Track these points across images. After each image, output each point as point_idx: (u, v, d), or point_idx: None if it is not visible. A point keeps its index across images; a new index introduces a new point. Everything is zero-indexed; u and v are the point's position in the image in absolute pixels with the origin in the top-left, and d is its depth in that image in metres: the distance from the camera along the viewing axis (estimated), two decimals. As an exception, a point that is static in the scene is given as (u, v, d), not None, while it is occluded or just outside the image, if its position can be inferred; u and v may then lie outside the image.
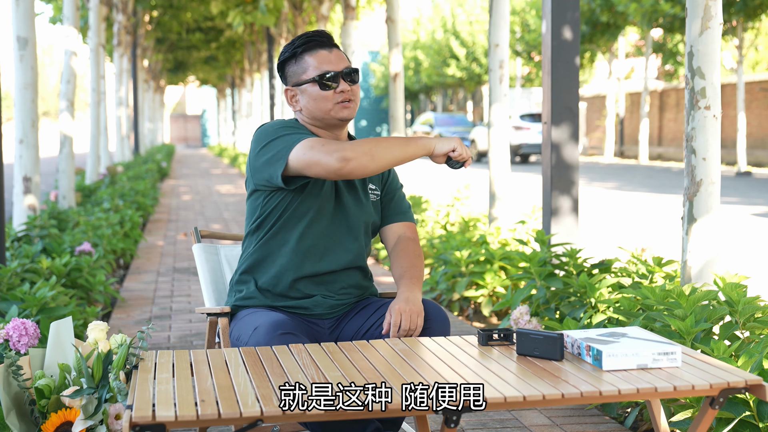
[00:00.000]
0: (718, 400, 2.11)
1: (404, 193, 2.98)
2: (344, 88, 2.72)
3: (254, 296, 2.72)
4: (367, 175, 2.56)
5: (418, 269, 2.78)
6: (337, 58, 2.73)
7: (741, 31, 20.03)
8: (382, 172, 2.84)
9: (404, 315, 2.58)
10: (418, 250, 2.84)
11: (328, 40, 2.76)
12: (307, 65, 2.72)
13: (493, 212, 6.60)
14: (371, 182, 2.85)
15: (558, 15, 5.05)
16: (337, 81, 2.71)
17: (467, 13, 40.58)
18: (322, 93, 2.70)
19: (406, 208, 2.93)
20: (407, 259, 2.80)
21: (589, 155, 32.71)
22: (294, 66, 2.75)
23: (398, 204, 2.91)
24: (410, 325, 2.57)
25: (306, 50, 2.73)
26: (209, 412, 1.84)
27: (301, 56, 2.73)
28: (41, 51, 79.20)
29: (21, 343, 2.75)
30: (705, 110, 3.56)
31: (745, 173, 19.48)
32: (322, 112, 2.72)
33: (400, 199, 2.92)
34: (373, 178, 2.86)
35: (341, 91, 2.71)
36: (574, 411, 3.54)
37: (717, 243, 3.61)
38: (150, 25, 25.11)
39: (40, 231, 6.40)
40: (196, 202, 13.98)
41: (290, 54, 2.75)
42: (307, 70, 2.72)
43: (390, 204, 2.90)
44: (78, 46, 9.78)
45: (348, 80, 2.73)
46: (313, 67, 2.71)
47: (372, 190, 2.84)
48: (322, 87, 2.70)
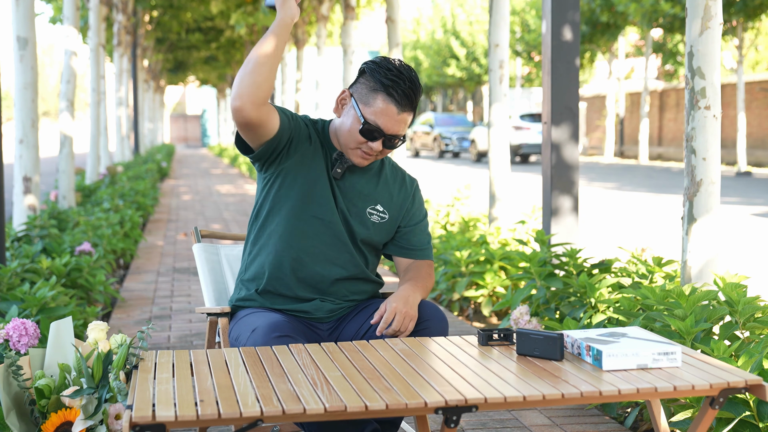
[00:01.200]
0: (718, 400, 2.11)
1: (427, 224, 2.86)
2: (376, 148, 2.63)
3: (254, 298, 2.72)
4: (258, 102, 2.43)
5: (427, 282, 2.73)
6: (397, 122, 2.61)
7: (741, 31, 20.04)
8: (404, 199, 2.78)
9: (398, 315, 2.54)
10: (431, 275, 2.77)
11: (409, 101, 2.61)
12: (373, 101, 2.61)
13: (493, 212, 6.60)
14: (379, 203, 2.75)
15: (558, 15, 5.05)
16: (376, 138, 2.62)
17: (467, 13, 40.60)
18: (357, 133, 2.62)
19: (424, 244, 2.81)
20: (416, 272, 2.75)
21: (589, 155, 32.72)
22: (368, 87, 2.62)
23: (417, 239, 2.80)
24: (401, 327, 2.54)
25: (387, 89, 2.59)
26: (209, 412, 1.84)
27: (379, 90, 2.60)
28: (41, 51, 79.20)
29: (21, 343, 2.75)
30: (705, 110, 3.56)
31: (745, 173, 19.48)
32: (344, 141, 2.66)
33: (419, 233, 2.81)
34: (382, 200, 2.76)
35: (371, 147, 2.63)
36: (574, 411, 3.54)
37: (717, 243, 3.61)
38: (150, 25, 25.11)
39: (40, 231, 6.40)
40: (196, 202, 13.98)
41: (379, 78, 2.60)
42: (369, 104, 2.61)
43: (407, 236, 2.80)
44: (78, 46, 9.78)
45: (386, 144, 2.63)
46: (374, 110, 2.60)
47: (378, 211, 2.74)
48: (361, 132, 2.61)
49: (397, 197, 2.78)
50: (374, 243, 2.77)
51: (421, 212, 2.84)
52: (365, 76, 2.65)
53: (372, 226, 2.73)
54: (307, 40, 18.19)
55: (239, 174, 22.02)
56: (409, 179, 2.85)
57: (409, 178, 2.86)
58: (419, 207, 2.84)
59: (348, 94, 2.68)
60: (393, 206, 2.77)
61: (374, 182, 2.76)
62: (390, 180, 2.80)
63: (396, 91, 2.59)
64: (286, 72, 21.38)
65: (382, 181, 2.78)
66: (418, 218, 2.82)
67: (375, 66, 2.64)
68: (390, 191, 2.78)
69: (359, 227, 2.72)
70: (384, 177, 2.79)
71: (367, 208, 2.73)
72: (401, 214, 2.79)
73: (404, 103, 2.60)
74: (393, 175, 2.82)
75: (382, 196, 2.76)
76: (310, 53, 35.51)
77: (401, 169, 2.86)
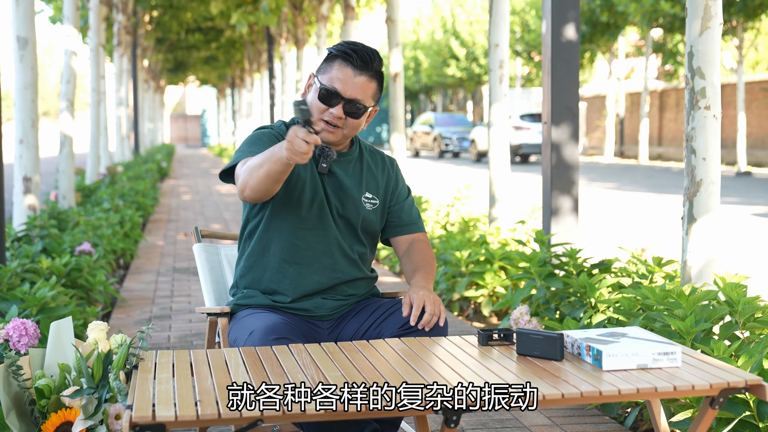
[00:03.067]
0: (718, 400, 2.11)
1: (413, 199, 2.91)
2: (336, 113, 2.63)
3: (255, 295, 2.72)
4: (255, 199, 2.51)
5: (432, 268, 2.77)
6: (355, 84, 2.62)
7: (741, 31, 20.04)
8: (388, 180, 2.82)
9: (428, 301, 2.56)
10: (431, 252, 2.82)
11: (365, 64, 2.64)
12: (329, 69, 2.65)
13: (493, 212, 6.60)
14: (368, 191, 2.77)
15: (558, 15, 5.05)
16: (335, 103, 2.63)
17: (467, 13, 40.59)
18: (317, 102, 2.64)
19: (415, 218, 2.86)
20: (421, 257, 2.78)
21: (589, 155, 32.71)
22: (325, 62, 2.68)
23: (407, 214, 2.85)
24: (435, 310, 2.55)
25: (340, 58, 2.64)
26: (209, 412, 1.84)
27: (335, 58, 2.65)
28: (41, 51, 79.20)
29: (21, 343, 2.75)
30: (705, 110, 3.56)
31: (745, 173, 19.48)
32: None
33: (408, 209, 2.85)
34: (370, 186, 2.78)
35: (332, 114, 2.63)
36: (574, 411, 3.54)
37: (717, 243, 3.61)
38: (150, 25, 25.11)
39: (40, 231, 6.40)
40: (196, 202, 13.98)
41: (331, 51, 2.67)
42: (326, 73, 2.65)
43: (398, 214, 2.84)
44: (78, 46, 9.78)
45: (347, 108, 2.62)
46: (330, 75, 2.63)
47: (368, 199, 2.77)
48: (319, 96, 2.63)
49: (381, 180, 2.82)
50: (373, 230, 2.80)
51: (405, 189, 2.88)
52: (327, 55, 2.71)
53: (368, 214, 2.76)
54: (307, 40, 18.19)
55: (239, 174, 21.97)
56: (388, 159, 2.89)
57: (389, 159, 2.90)
58: (403, 185, 2.89)
59: (312, 75, 2.71)
60: (380, 190, 2.81)
61: (358, 170, 2.78)
62: (372, 165, 2.83)
63: (351, 55, 2.63)
64: (286, 72, 21.39)
65: (365, 168, 2.80)
66: (404, 195, 2.86)
67: (337, 44, 2.70)
68: (375, 176, 2.81)
69: (356, 219, 2.74)
70: (366, 163, 2.81)
71: (359, 198, 2.75)
72: (388, 196, 2.83)
73: (359, 65, 2.63)
74: (373, 159, 2.85)
75: (369, 183, 2.79)
76: (310, 53, 35.51)
77: (378, 152, 2.90)
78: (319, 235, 2.70)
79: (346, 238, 2.74)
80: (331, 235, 2.71)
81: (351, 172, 2.77)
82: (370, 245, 2.82)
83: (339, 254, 2.72)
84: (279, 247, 2.69)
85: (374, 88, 2.68)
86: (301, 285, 2.69)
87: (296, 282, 2.69)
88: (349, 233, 2.75)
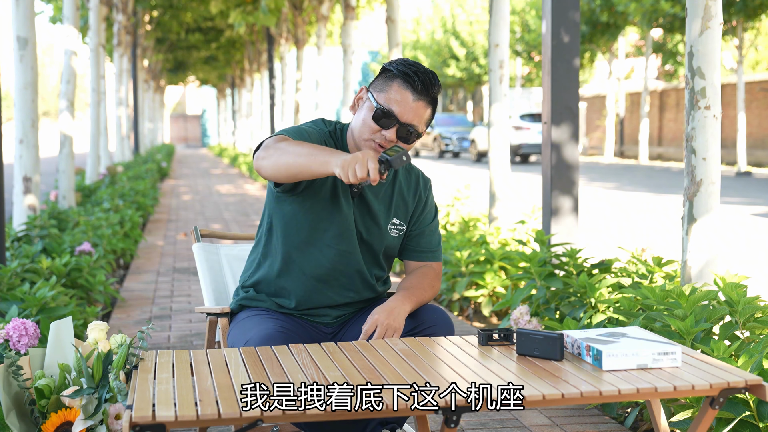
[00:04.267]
0: (718, 400, 2.11)
1: (437, 224, 2.80)
2: (389, 137, 2.53)
3: (259, 297, 2.71)
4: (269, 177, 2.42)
5: (424, 292, 2.67)
6: (412, 109, 2.54)
7: (741, 31, 20.04)
8: (417, 203, 2.73)
9: (380, 327, 2.51)
10: (432, 281, 2.71)
11: (425, 88, 2.55)
12: (388, 88, 2.55)
13: (493, 212, 6.60)
14: (396, 216, 2.69)
15: (558, 15, 5.05)
16: (389, 126, 2.54)
17: (467, 13, 40.60)
18: (370, 121, 2.55)
19: (434, 246, 2.76)
20: (418, 280, 2.69)
21: (589, 155, 32.71)
22: (385, 77, 2.58)
23: (426, 241, 2.75)
24: (386, 336, 2.51)
25: (401, 78, 2.55)
26: (209, 412, 1.84)
27: (394, 78, 2.56)
28: (41, 51, 79.18)
29: (21, 343, 2.75)
30: (705, 110, 3.56)
31: (745, 173, 19.48)
32: (358, 134, 2.58)
33: (429, 235, 2.76)
34: (399, 212, 2.69)
35: (384, 137, 2.54)
36: (574, 411, 3.54)
37: (717, 243, 3.61)
38: (150, 25, 25.11)
39: (40, 231, 6.40)
40: (196, 202, 13.98)
41: (391, 69, 2.57)
42: (384, 91, 2.55)
43: (417, 240, 2.75)
44: (78, 46, 9.78)
45: (401, 133, 2.54)
46: (388, 95, 2.54)
47: (395, 225, 2.69)
48: (374, 117, 2.54)
49: (411, 204, 2.73)
50: (393, 254, 2.75)
51: (431, 213, 2.78)
52: (384, 71, 2.61)
53: (392, 240, 2.70)
54: (307, 40, 18.19)
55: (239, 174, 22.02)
56: (422, 181, 2.77)
57: (423, 180, 2.78)
58: (431, 208, 2.78)
59: (365, 89, 2.62)
60: (408, 215, 2.73)
61: (389, 194, 2.69)
62: (404, 187, 2.72)
63: (412, 78, 2.54)
64: (286, 72, 21.39)
65: (397, 192, 2.70)
66: (428, 220, 2.77)
67: (395, 61, 2.61)
68: (405, 200, 2.72)
69: (380, 246, 2.68)
70: (398, 186, 2.72)
71: (386, 226, 2.68)
72: (414, 219, 2.75)
73: (420, 89, 2.54)
74: (407, 180, 2.74)
75: (399, 208, 2.70)
76: (310, 53, 35.53)
77: (415, 171, 2.77)
78: (342, 255, 2.63)
79: (366, 263, 2.69)
80: (353, 258, 2.65)
81: (381, 196, 2.69)
82: (389, 266, 2.77)
83: (358, 278, 2.68)
84: (300, 257, 2.63)
85: (429, 114, 2.60)
86: (312, 298, 2.66)
87: (309, 295, 2.65)
88: (371, 258, 2.70)
